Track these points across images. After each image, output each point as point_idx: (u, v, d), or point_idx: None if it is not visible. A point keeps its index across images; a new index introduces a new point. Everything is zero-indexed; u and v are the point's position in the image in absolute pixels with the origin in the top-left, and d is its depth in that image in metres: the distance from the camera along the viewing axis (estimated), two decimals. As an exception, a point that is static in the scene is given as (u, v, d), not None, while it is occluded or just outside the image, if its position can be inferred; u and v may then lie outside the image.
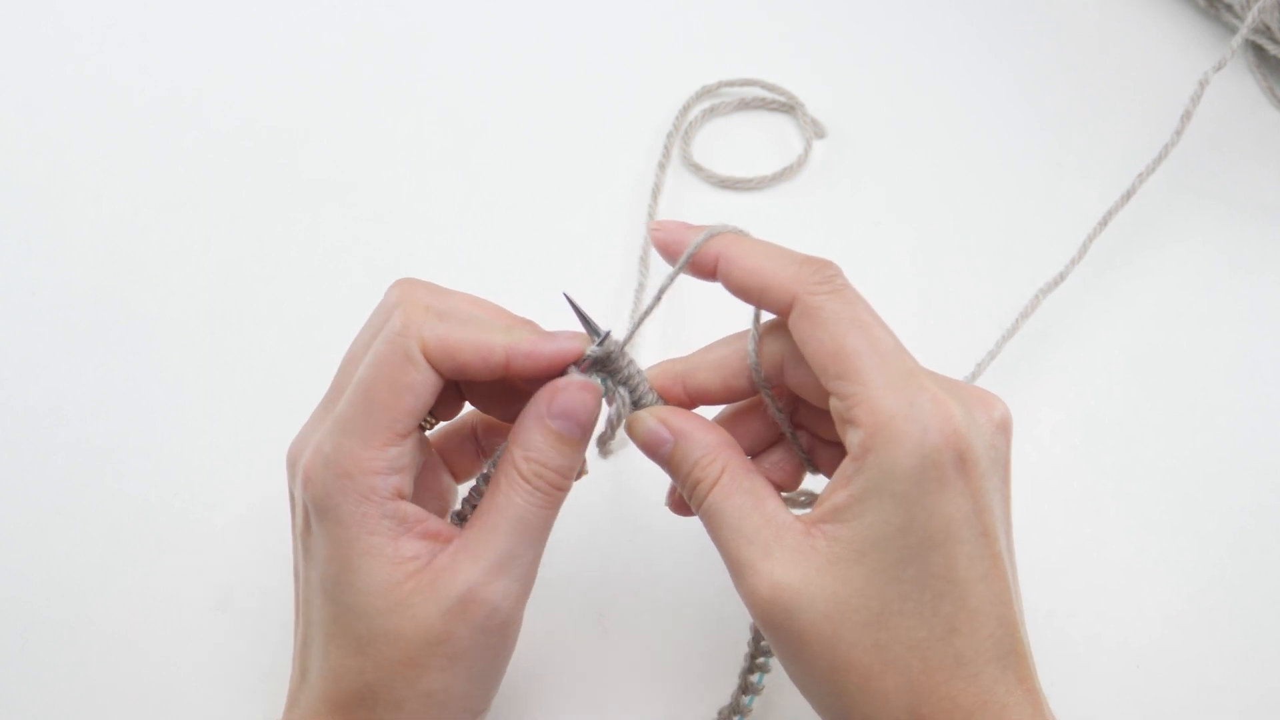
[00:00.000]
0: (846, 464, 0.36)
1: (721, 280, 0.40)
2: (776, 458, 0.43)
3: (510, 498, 0.39)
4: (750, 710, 0.46)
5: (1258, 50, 0.68)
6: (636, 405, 0.41)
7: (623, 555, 0.53)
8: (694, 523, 0.41)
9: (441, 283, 0.60)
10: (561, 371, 0.40)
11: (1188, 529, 0.54)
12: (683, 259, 0.40)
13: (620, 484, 0.54)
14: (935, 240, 0.63)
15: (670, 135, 0.65)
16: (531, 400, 0.40)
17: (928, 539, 0.35)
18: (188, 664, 0.51)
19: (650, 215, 0.63)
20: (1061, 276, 0.58)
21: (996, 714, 0.35)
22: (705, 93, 0.67)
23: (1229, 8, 0.68)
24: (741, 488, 0.38)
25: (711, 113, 0.67)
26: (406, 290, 0.41)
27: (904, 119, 0.68)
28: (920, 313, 0.60)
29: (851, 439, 0.36)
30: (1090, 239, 0.59)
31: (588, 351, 0.40)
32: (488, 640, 0.39)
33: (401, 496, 0.39)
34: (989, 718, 0.35)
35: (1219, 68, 0.59)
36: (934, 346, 0.58)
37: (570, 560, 0.53)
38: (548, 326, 0.42)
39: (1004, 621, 0.36)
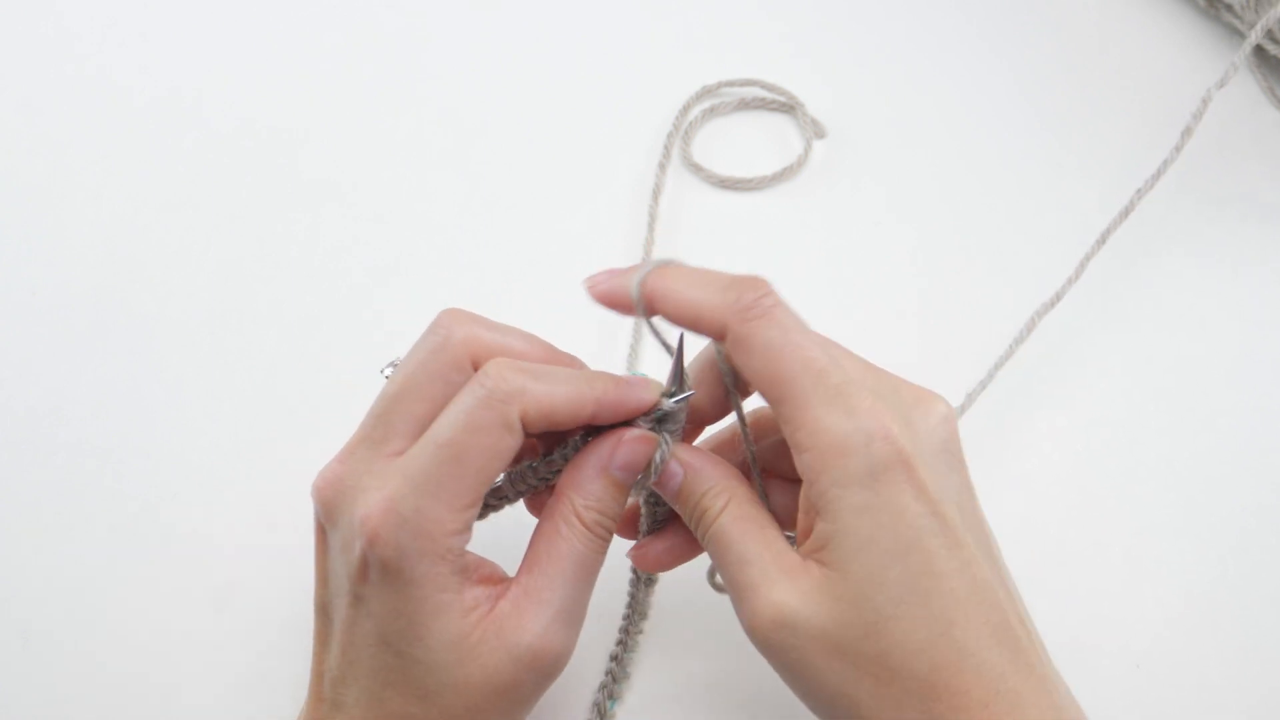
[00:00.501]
0: (804, 489, 0.37)
1: (661, 316, 0.40)
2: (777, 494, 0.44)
3: (573, 544, 0.39)
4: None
5: (1258, 50, 0.68)
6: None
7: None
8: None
9: (441, 283, 0.61)
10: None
11: (1188, 530, 0.54)
12: (638, 306, 0.40)
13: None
14: (935, 239, 0.63)
15: (670, 135, 0.65)
16: (591, 450, 0.41)
17: (899, 541, 0.36)
18: (187, 664, 0.50)
19: (651, 216, 0.63)
20: (1058, 296, 0.58)
21: (1011, 701, 0.36)
22: (705, 93, 0.67)
23: (1229, 8, 0.68)
24: (745, 515, 0.39)
25: (711, 113, 0.67)
26: (473, 327, 0.40)
27: (904, 119, 0.68)
28: (921, 312, 0.60)
29: (801, 465, 0.37)
30: (1088, 257, 0.59)
31: (665, 406, 0.41)
32: (546, 684, 0.40)
33: (467, 554, 0.39)
34: (1004, 706, 0.35)
35: (1222, 84, 0.59)
36: (936, 345, 0.59)
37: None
38: (557, 334, 0.43)
39: (997, 606, 0.36)
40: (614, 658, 0.49)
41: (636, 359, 0.58)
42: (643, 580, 0.50)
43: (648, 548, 0.45)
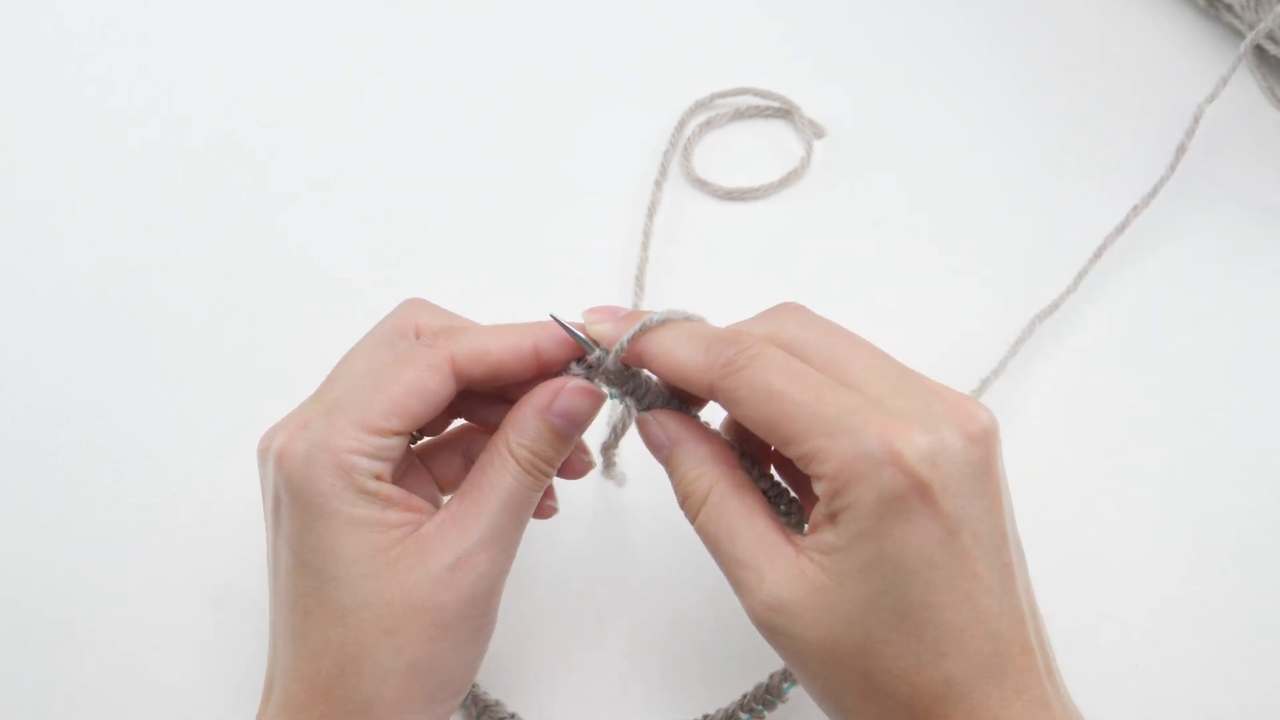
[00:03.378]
0: (822, 508, 0.37)
1: (652, 373, 0.41)
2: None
3: (503, 477, 0.40)
4: None
5: (1258, 50, 0.68)
6: (648, 408, 0.42)
7: (622, 557, 0.53)
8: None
9: (441, 283, 0.61)
10: (562, 371, 0.42)
11: (1187, 529, 0.54)
12: (614, 357, 0.41)
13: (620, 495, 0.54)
14: (944, 234, 0.63)
15: (667, 153, 0.65)
16: (534, 391, 0.41)
17: (900, 571, 0.35)
18: (187, 664, 0.51)
19: (645, 235, 0.62)
20: (1056, 304, 0.59)
21: None
22: (699, 106, 0.67)
23: (1229, 8, 0.68)
24: (730, 508, 0.39)
25: (708, 125, 0.67)
26: (424, 310, 0.43)
27: (903, 117, 0.68)
28: (935, 306, 0.60)
29: (817, 489, 0.37)
30: (1085, 270, 0.59)
31: (590, 357, 0.41)
32: (472, 611, 0.39)
33: (379, 478, 0.40)
34: None
35: (1211, 99, 0.59)
36: (949, 336, 0.59)
37: (573, 563, 0.53)
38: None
39: (996, 637, 0.36)
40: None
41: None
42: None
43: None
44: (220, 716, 0.49)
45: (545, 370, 0.42)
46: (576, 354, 0.42)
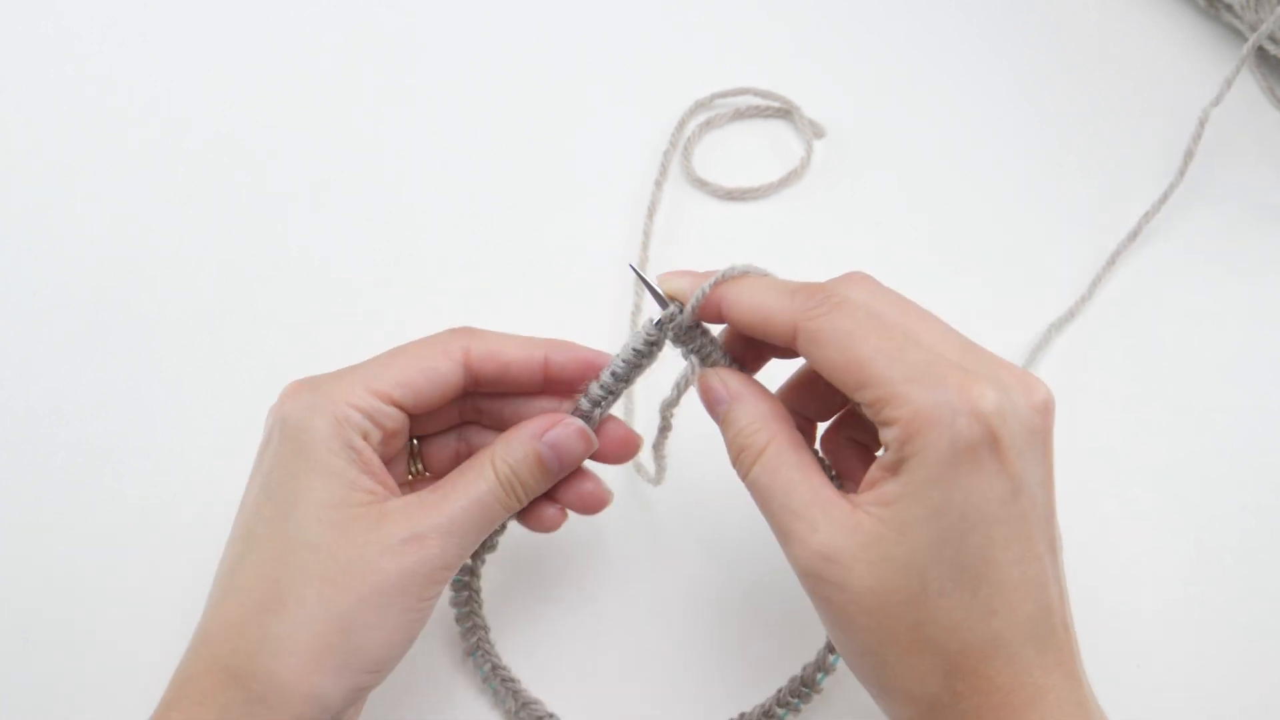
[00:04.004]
0: (887, 454, 0.37)
1: (728, 322, 0.41)
2: (841, 443, 0.44)
3: (477, 483, 0.42)
4: None
5: (1259, 51, 0.68)
6: (710, 366, 0.43)
7: (657, 560, 0.53)
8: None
9: (441, 284, 0.61)
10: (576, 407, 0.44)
11: (1188, 529, 0.54)
12: (691, 303, 0.41)
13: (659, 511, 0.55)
14: (945, 233, 0.63)
15: (667, 153, 0.65)
16: (531, 420, 0.43)
17: (964, 521, 0.35)
18: (188, 664, 0.50)
19: (645, 235, 0.62)
20: (1072, 314, 0.59)
21: (1032, 694, 0.36)
22: (699, 106, 0.67)
23: (1229, 8, 0.68)
24: (788, 462, 0.39)
25: (708, 125, 0.67)
26: (471, 334, 0.45)
27: (902, 116, 0.68)
28: (936, 306, 0.60)
29: (886, 436, 0.37)
30: (1097, 280, 0.59)
31: (665, 312, 0.42)
32: (409, 586, 0.40)
33: (369, 442, 0.41)
34: (1024, 697, 0.36)
35: (1216, 102, 0.59)
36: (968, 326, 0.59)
37: (609, 566, 0.53)
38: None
39: (1040, 603, 0.36)
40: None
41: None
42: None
43: None
44: (220, 716, 0.49)
45: (553, 384, 0.44)
46: (586, 375, 0.43)
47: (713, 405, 0.42)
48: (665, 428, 0.46)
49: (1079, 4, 0.72)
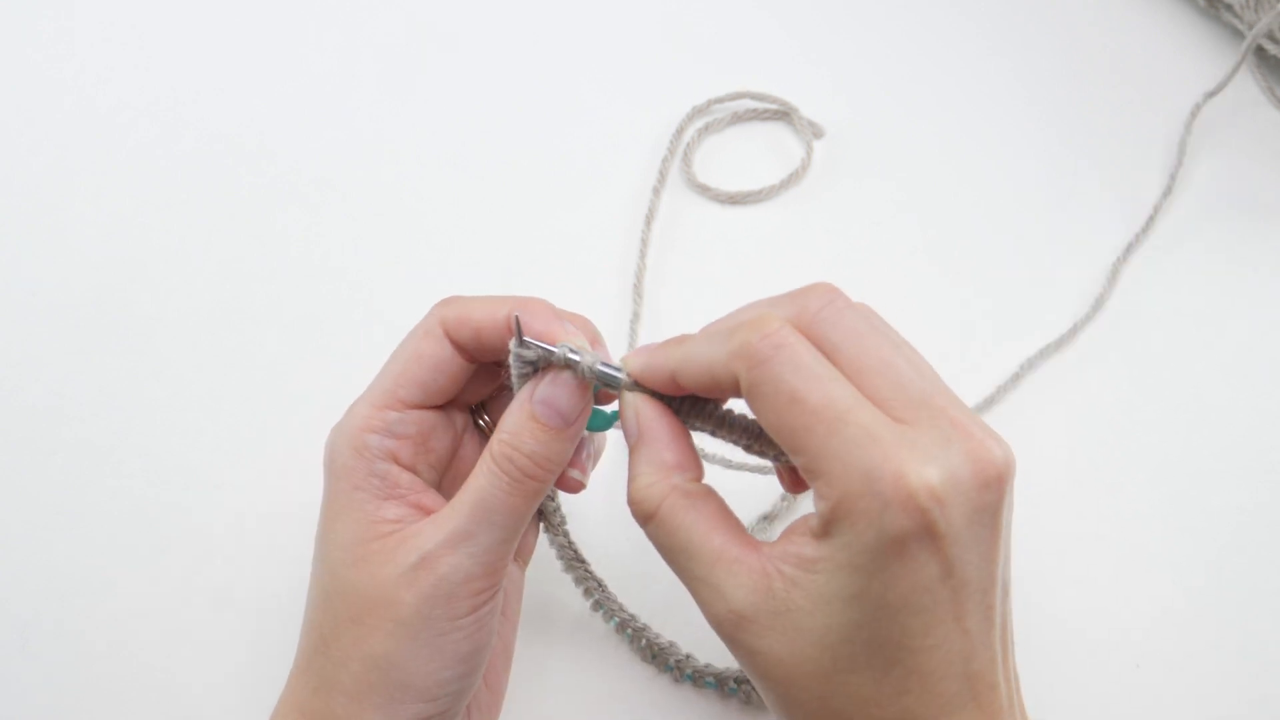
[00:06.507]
0: (814, 523, 0.35)
1: (691, 392, 0.39)
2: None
3: (475, 478, 0.40)
4: None
5: (1258, 50, 0.68)
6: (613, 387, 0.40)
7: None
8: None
9: (441, 283, 0.61)
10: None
11: (1187, 529, 0.54)
12: (625, 385, 0.40)
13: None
14: (948, 231, 0.63)
15: (665, 160, 0.65)
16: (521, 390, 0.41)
17: (882, 610, 0.34)
18: (188, 664, 0.51)
19: (643, 243, 0.62)
20: (1074, 331, 0.59)
21: None
22: (696, 112, 0.67)
23: (1229, 8, 0.68)
24: (683, 524, 0.37)
25: (706, 130, 0.67)
26: (448, 303, 0.43)
27: (902, 115, 0.68)
28: (937, 306, 0.60)
29: (816, 505, 0.35)
30: (1104, 296, 0.59)
31: (516, 350, 0.40)
32: (433, 612, 0.39)
33: (395, 461, 0.41)
34: None
35: (1212, 94, 0.59)
36: (953, 336, 0.59)
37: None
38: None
39: (967, 678, 0.35)
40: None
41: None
42: None
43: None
44: (220, 716, 0.49)
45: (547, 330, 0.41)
46: (552, 321, 0.40)
47: (626, 437, 0.40)
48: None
49: (1079, 4, 0.72)
